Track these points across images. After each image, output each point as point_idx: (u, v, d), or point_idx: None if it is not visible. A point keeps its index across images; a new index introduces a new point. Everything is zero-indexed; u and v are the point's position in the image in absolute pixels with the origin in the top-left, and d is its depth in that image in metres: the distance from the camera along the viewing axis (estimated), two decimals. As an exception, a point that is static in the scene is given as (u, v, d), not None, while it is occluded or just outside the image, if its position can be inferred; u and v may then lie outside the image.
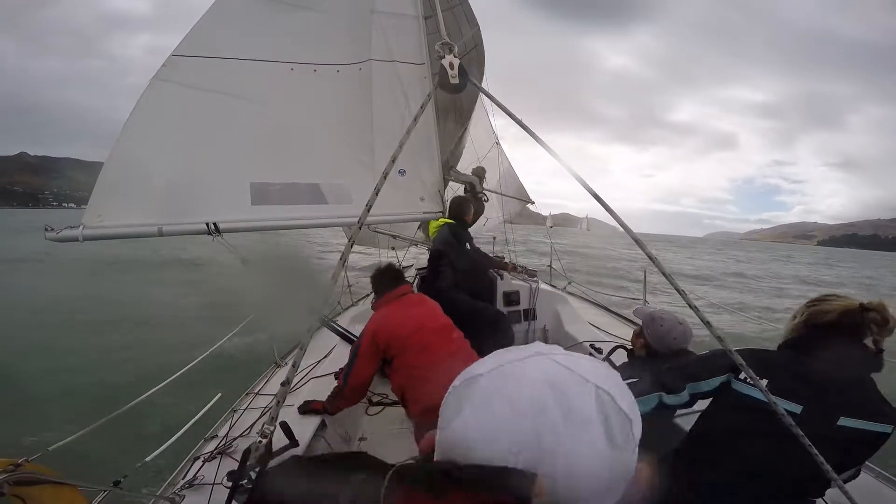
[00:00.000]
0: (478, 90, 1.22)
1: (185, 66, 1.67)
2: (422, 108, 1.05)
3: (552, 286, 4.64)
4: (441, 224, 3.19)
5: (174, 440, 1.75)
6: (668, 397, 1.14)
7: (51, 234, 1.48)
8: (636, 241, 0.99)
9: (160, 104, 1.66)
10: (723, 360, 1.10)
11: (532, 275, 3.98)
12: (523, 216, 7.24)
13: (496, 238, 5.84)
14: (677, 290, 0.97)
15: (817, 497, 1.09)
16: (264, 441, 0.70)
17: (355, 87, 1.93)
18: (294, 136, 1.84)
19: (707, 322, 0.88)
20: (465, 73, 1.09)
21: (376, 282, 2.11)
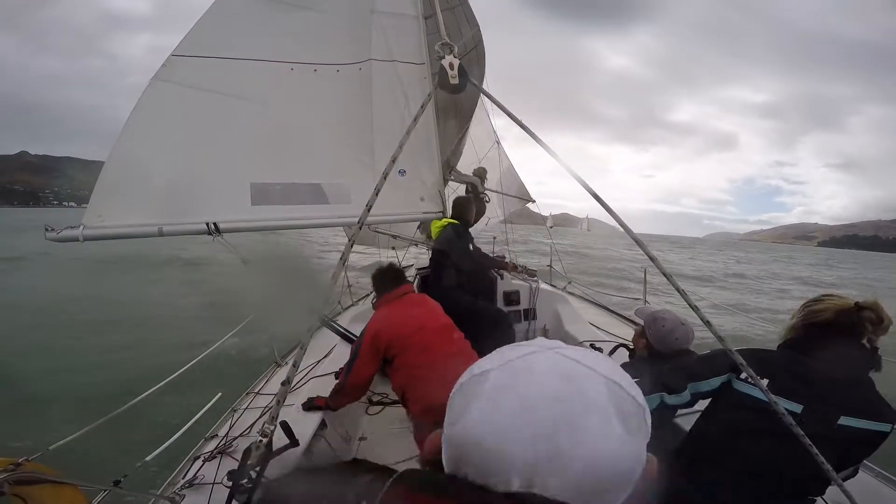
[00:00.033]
0: (478, 90, 1.22)
1: (184, 66, 1.67)
2: (422, 108, 1.05)
3: (552, 286, 4.64)
4: (444, 224, 3.19)
5: (174, 440, 1.75)
6: (670, 397, 1.14)
7: (51, 234, 1.47)
8: (636, 241, 0.99)
9: (160, 104, 1.66)
10: (724, 360, 1.10)
11: (532, 274, 3.98)
12: (523, 216, 7.23)
13: (496, 238, 5.84)
14: (678, 290, 0.98)
15: (817, 496, 1.10)
16: (264, 440, 0.70)
17: (355, 87, 1.93)
18: (294, 136, 1.84)
19: (707, 322, 0.88)
20: (465, 73, 1.09)
21: (377, 281, 2.11)
